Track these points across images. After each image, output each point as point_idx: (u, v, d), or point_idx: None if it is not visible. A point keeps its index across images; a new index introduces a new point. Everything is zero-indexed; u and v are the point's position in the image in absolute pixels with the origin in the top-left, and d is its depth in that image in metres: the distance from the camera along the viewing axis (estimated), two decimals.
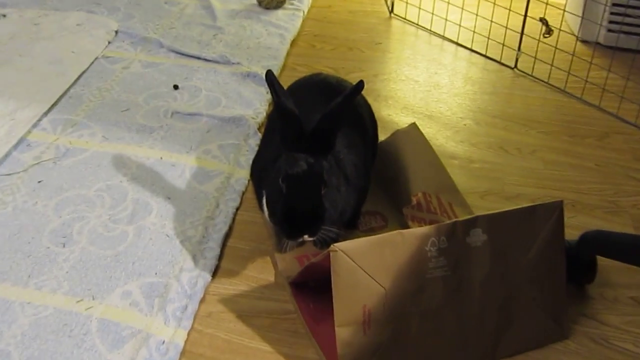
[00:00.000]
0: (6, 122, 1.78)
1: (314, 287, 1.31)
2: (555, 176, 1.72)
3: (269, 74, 1.29)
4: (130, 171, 1.65)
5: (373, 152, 1.55)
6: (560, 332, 1.26)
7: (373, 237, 1.11)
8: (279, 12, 2.49)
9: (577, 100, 2.04)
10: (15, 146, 1.70)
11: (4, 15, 2.33)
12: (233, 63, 2.13)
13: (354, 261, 1.09)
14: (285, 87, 1.39)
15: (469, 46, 2.35)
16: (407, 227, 1.44)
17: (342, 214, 1.31)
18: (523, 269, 1.19)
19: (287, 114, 1.25)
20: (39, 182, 1.60)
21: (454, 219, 1.16)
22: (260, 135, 1.78)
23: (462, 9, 2.38)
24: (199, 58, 2.16)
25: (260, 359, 1.23)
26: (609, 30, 2.27)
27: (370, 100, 1.64)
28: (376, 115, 1.60)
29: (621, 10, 2.22)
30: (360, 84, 1.26)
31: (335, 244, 1.08)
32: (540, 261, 1.20)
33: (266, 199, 1.30)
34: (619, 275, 1.40)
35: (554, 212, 1.21)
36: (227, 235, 1.49)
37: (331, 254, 1.08)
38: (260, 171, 1.38)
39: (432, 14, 2.49)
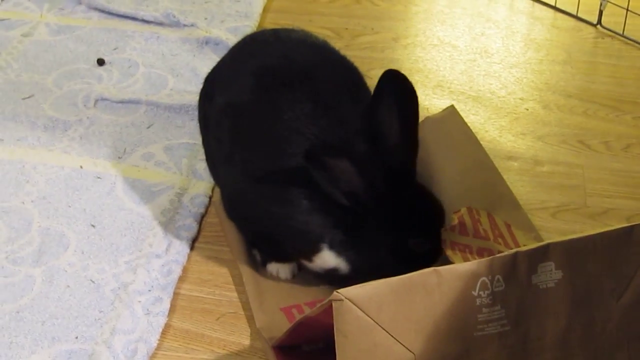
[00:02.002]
0: None
1: (309, 353, 1.31)
2: None
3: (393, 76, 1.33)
4: (35, 187, 1.65)
5: None
6: None
7: (395, 277, 1.11)
8: None
9: None
10: None
11: None
12: (185, 25, 2.14)
13: (367, 315, 1.09)
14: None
15: None
16: (445, 260, 1.45)
17: None
18: (615, 320, 1.20)
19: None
20: None
21: (514, 248, 1.16)
22: None
23: None
24: (134, 18, 2.17)
25: None
26: None
27: None
28: None
29: None
30: (391, 77, 1.31)
31: (339, 290, 1.08)
32: None
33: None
34: None
35: None
36: (181, 279, 1.49)
37: (334, 305, 1.07)
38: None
39: None
